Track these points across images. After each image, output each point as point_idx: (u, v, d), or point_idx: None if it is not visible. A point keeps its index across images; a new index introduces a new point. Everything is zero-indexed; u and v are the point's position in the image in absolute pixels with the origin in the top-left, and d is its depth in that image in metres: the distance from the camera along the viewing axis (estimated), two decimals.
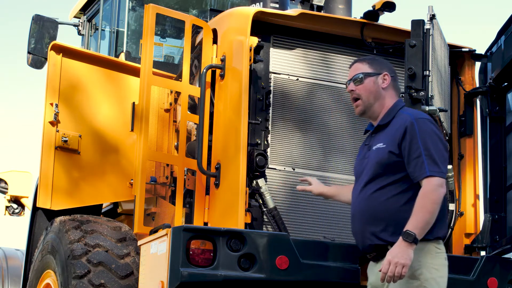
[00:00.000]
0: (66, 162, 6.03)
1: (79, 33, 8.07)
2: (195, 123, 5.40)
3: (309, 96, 5.43)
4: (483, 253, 5.58)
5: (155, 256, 4.87)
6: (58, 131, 6.01)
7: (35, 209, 6.48)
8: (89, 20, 7.99)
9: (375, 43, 5.61)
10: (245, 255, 4.71)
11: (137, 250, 5.55)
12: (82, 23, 8.03)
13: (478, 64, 5.93)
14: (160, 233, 4.84)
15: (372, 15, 5.50)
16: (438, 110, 5.20)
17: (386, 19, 6.16)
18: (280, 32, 5.45)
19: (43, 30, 7.11)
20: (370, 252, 4.35)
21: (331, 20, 5.60)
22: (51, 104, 6.02)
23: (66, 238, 5.65)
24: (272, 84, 5.35)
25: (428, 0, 5.74)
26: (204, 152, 5.23)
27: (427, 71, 5.17)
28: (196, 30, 5.65)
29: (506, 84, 5.71)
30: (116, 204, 6.74)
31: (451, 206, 5.48)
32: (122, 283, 5.43)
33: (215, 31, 5.49)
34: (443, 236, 4.30)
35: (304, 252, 4.82)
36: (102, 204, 6.64)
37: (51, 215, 6.19)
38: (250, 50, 5.18)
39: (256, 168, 5.14)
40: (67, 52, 6.17)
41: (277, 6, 5.81)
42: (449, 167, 5.43)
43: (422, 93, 5.13)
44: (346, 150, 5.44)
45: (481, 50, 5.85)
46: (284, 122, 5.34)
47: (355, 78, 4.46)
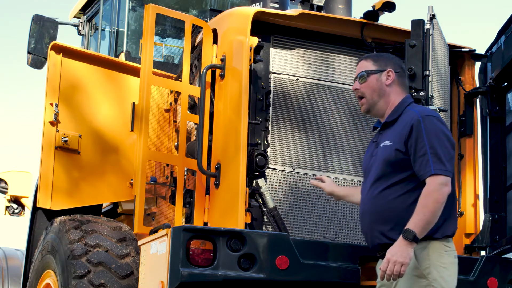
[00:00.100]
0: (66, 162, 6.03)
1: (79, 33, 8.07)
2: (195, 123, 5.39)
3: (309, 96, 5.43)
4: (483, 253, 5.58)
5: (155, 256, 4.87)
6: (58, 131, 6.01)
7: (35, 209, 6.48)
8: (89, 20, 7.99)
9: (375, 43, 5.61)
10: (245, 255, 4.70)
11: (137, 250, 5.54)
12: (82, 23, 8.03)
13: (478, 64, 5.93)
14: (160, 233, 4.83)
15: (372, 15, 5.49)
16: (438, 110, 5.19)
17: (386, 19, 6.17)
18: (280, 32, 5.44)
19: (43, 30, 7.11)
20: (379, 251, 4.33)
21: (331, 20, 5.59)
22: (51, 104, 6.02)
23: (66, 238, 5.65)
24: (272, 84, 5.34)
25: (428, 0, 5.74)
26: (204, 152, 5.22)
27: (427, 71, 5.17)
28: (196, 30, 5.65)
29: (506, 84, 5.71)
30: (116, 204, 6.74)
31: None
32: (122, 283, 5.43)
33: (215, 31, 5.49)
34: (452, 234, 4.24)
35: (304, 252, 4.82)
36: (102, 204, 6.64)
37: (51, 215, 6.19)
38: (250, 50, 5.17)
39: (256, 168, 5.13)
40: (67, 52, 6.17)
41: (277, 6, 5.81)
42: None
43: (422, 93, 5.13)
44: (346, 150, 5.44)
45: (481, 50, 5.86)
46: (284, 122, 5.34)
47: (359, 76, 4.43)
